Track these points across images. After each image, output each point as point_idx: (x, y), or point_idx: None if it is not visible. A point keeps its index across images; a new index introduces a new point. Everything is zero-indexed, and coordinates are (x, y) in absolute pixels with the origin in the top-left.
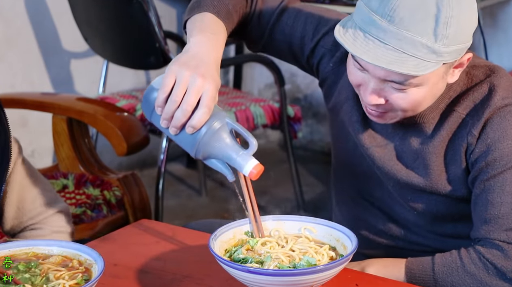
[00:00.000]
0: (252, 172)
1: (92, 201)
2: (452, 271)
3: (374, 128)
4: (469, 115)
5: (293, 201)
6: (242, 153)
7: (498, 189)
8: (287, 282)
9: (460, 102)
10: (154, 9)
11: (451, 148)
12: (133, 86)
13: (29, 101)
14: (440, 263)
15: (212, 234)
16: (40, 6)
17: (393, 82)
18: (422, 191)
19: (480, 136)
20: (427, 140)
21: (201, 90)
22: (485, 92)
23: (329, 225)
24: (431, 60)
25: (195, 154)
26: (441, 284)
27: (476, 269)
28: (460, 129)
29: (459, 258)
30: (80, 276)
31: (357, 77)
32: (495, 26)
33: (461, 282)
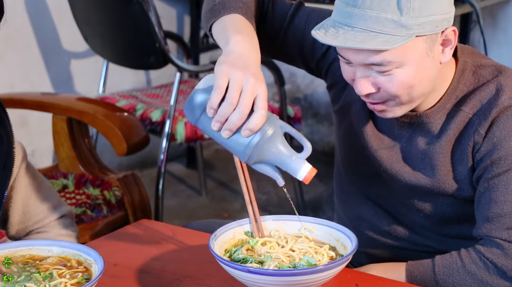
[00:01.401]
0: (306, 177)
1: (92, 201)
2: (453, 272)
3: (381, 130)
4: (476, 115)
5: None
6: (295, 157)
7: (502, 187)
8: (287, 282)
9: (467, 102)
10: (154, 9)
11: (458, 148)
12: (133, 86)
13: (29, 101)
14: (441, 265)
15: (212, 234)
16: (40, 6)
17: (374, 65)
18: (429, 192)
19: (486, 135)
20: (434, 141)
21: (255, 92)
22: (492, 92)
23: (329, 225)
24: (401, 34)
25: (247, 158)
26: (442, 285)
27: (476, 268)
28: (467, 129)
29: (459, 259)
30: (80, 275)
31: (348, 72)
32: (495, 26)
33: (462, 282)
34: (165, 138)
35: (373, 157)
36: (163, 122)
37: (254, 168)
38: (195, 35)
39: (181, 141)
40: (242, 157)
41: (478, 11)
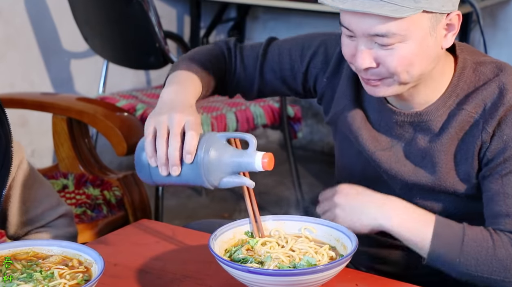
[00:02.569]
0: (264, 163)
1: (92, 201)
2: (481, 250)
3: (379, 131)
4: (480, 115)
5: (293, 201)
6: (245, 154)
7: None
8: (287, 282)
9: (469, 101)
10: (154, 9)
11: (461, 147)
12: (133, 86)
13: (29, 101)
14: (471, 236)
15: (212, 234)
16: (40, 6)
17: (378, 36)
18: (430, 190)
19: (495, 134)
20: (435, 138)
21: (182, 122)
22: (495, 92)
23: (329, 225)
24: (409, 6)
25: (207, 181)
26: (466, 257)
27: (506, 255)
28: (472, 129)
29: (491, 239)
30: (80, 276)
31: (349, 47)
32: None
33: (487, 264)
34: None
35: (371, 159)
36: None
37: (223, 187)
38: (195, 35)
39: None
40: (204, 182)
41: (478, 11)
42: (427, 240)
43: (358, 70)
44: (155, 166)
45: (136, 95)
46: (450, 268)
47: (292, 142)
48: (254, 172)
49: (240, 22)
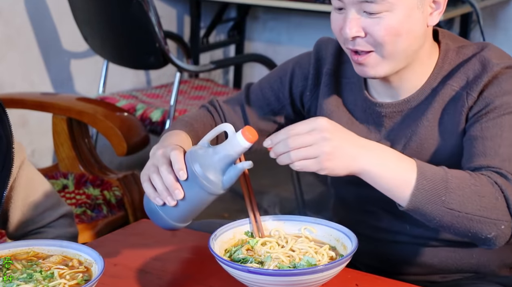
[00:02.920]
0: (247, 137)
1: (92, 201)
2: (465, 186)
3: (369, 128)
4: (463, 88)
5: (293, 201)
6: (227, 142)
7: (498, 129)
8: (287, 282)
9: (453, 77)
10: (154, 9)
11: (447, 120)
12: (133, 86)
13: (29, 101)
14: (454, 174)
15: (212, 234)
16: (40, 6)
17: (366, 2)
18: None
19: (479, 97)
20: (421, 116)
21: (166, 153)
22: (476, 66)
23: (329, 225)
24: None
25: (213, 188)
26: (450, 194)
27: (488, 192)
28: (456, 101)
29: (471, 177)
30: (80, 276)
31: (337, 20)
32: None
33: (470, 200)
34: None
35: None
36: (163, 122)
37: (230, 184)
38: (195, 35)
39: None
40: (211, 191)
41: (478, 11)
42: (411, 179)
43: (346, 41)
44: (162, 204)
45: (136, 95)
46: (432, 210)
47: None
48: (249, 150)
49: (240, 22)
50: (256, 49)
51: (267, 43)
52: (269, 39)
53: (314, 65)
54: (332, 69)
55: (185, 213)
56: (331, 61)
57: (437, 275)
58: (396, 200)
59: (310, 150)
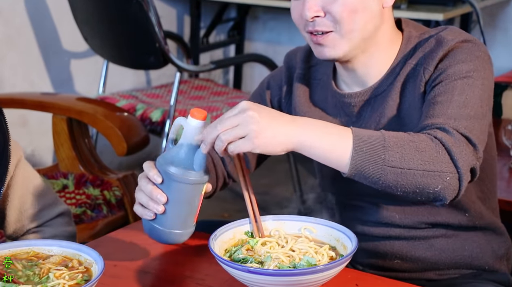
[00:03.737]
0: (196, 116)
1: (92, 201)
2: (403, 143)
3: (341, 121)
4: (419, 64)
5: (293, 201)
6: (184, 131)
7: (449, 94)
8: (287, 282)
9: (412, 56)
10: (154, 9)
11: (408, 97)
12: (133, 86)
13: (29, 101)
14: (391, 134)
15: (212, 234)
16: (40, 6)
17: None
18: None
19: (435, 70)
20: (386, 98)
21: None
22: (432, 43)
23: (329, 225)
24: None
25: (194, 179)
26: (389, 152)
27: (427, 146)
28: (414, 77)
29: (409, 135)
30: (80, 276)
31: (297, 7)
32: (495, 26)
33: (410, 155)
34: (165, 138)
35: None
36: (163, 122)
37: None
38: (195, 35)
39: None
40: (190, 179)
41: (478, 11)
42: (348, 143)
43: (306, 25)
44: (153, 217)
45: (136, 95)
46: (374, 170)
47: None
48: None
49: (240, 22)
50: (256, 49)
51: (267, 43)
52: (269, 39)
53: (286, 74)
54: (301, 73)
55: (178, 215)
56: (300, 66)
57: (433, 271)
58: (337, 168)
59: (238, 129)
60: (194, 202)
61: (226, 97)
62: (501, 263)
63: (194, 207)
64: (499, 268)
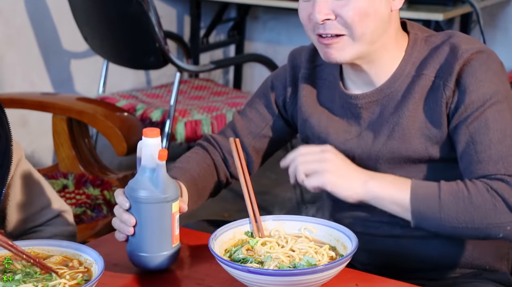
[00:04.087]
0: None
1: (92, 201)
2: (458, 201)
3: (348, 122)
4: (438, 77)
5: (293, 201)
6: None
7: (484, 129)
8: (287, 282)
9: (426, 66)
10: (154, 9)
11: (427, 111)
12: (133, 86)
13: (29, 101)
14: (447, 191)
15: (212, 234)
16: (40, 6)
17: None
18: (407, 161)
19: (456, 88)
20: (400, 107)
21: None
22: (447, 52)
23: (329, 225)
24: None
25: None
26: (446, 211)
27: (482, 201)
28: (434, 90)
29: (465, 188)
30: (80, 276)
31: (306, 9)
32: (495, 26)
33: (466, 214)
34: (165, 138)
35: (345, 152)
36: (163, 122)
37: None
38: (195, 35)
39: (181, 141)
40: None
41: (478, 11)
42: (406, 202)
43: (316, 27)
44: (124, 238)
45: (136, 95)
46: (436, 226)
47: (292, 142)
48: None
49: (240, 22)
50: (256, 49)
51: (267, 43)
52: (269, 39)
53: (290, 73)
54: (307, 73)
55: (150, 237)
56: (305, 66)
57: (434, 271)
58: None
59: (315, 164)
60: (164, 222)
61: (226, 97)
62: (502, 263)
63: (166, 227)
64: (500, 267)
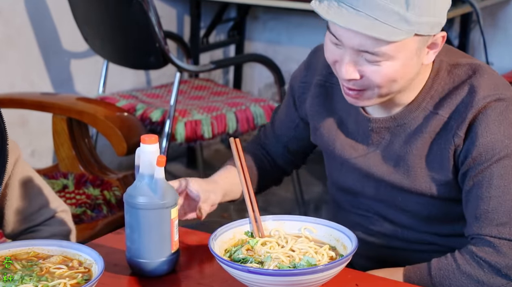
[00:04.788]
0: (145, 141)
1: (92, 201)
2: (448, 274)
3: (356, 139)
4: (451, 118)
5: (293, 201)
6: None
7: (486, 183)
8: (287, 282)
9: (443, 105)
10: (154, 9)
11: (435, 151)
12: (133, 86)
13: (29, 101)
14: (437, 267)
15: (212, 234)
16: (40, 6)
17: (367, 52)
18: (409, 192)
19: (466, 137)
20: (409, 142)
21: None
22: (465, 94)
23: (329, 225)
24: (403, 29)
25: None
26: (438, 286)
27: (471, 269)
28: (444, 133)
29: (453, 260)
30: (80, 276)
31: (333, 53)
32: (495, 26)
33: (459, 284)
34: (165, 138)
35: (350, 168)
36: (163, 122)
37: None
38: (195, 35)
39: (181, 141)
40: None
41: (478, 11)
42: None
43: (340, 79)
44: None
45: (136, 95)
46: None
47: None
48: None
49: (240, 22)
50: (256, 49)
51: (267, 43)
52: (269, 39)
53: (304, 73)
54: (322, 80)
55: (150, 244)
56: (321, 72)
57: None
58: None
59: None
60: (163, 228)
61: (226, 97)
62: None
63: (165, 233)
64: None
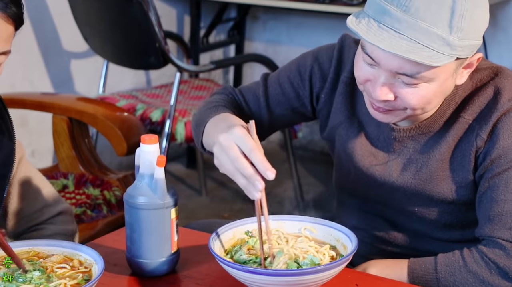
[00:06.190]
0: (145, 141)
1: (92, 201)
2: (454, 271)
3: (376, 146)
4: (475, 121)
5: (293, 201)
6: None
7: (503, 186)
8: (287, 282)
9: (466, 108)
10: (154, 9)
11: (457, 154)
12: (133, 86)
13: (29, 101)
14: (443, 263)
15: (212, 234)
16: (40, 6)
17: (405, 75)
18: (428, 199)
19: (488, 139)
20: (433, 148)
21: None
22: (490, 96)
23: (329, 225)
24: (445, 53)
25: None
26: (444, 283)
27: (478, 268)
28: (467, 135)
29: (461, 258)
30: (80, 276)
31: (365, 72)
32: (495, 26)
33: (464, 282)
34: (165, 138)
35: (366, 175)
36: (163, 122)
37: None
38: (195, 35)
39: (181, 141)
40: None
41: None
42: (403, 278)
43: (370, 96)
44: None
45: (136, 95)
46: None
47: (292, 142)
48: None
49: (240, 22)
50: (256, 49)
51: (267, 43)
52: (269, 39)
53: (334, 69)
54: (350, 77)
55: (150, 244)
56: (349, 69)
57: None
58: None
59: None
60: (163, 228)
61: None
62: None
63: (165, 233)
64: None
